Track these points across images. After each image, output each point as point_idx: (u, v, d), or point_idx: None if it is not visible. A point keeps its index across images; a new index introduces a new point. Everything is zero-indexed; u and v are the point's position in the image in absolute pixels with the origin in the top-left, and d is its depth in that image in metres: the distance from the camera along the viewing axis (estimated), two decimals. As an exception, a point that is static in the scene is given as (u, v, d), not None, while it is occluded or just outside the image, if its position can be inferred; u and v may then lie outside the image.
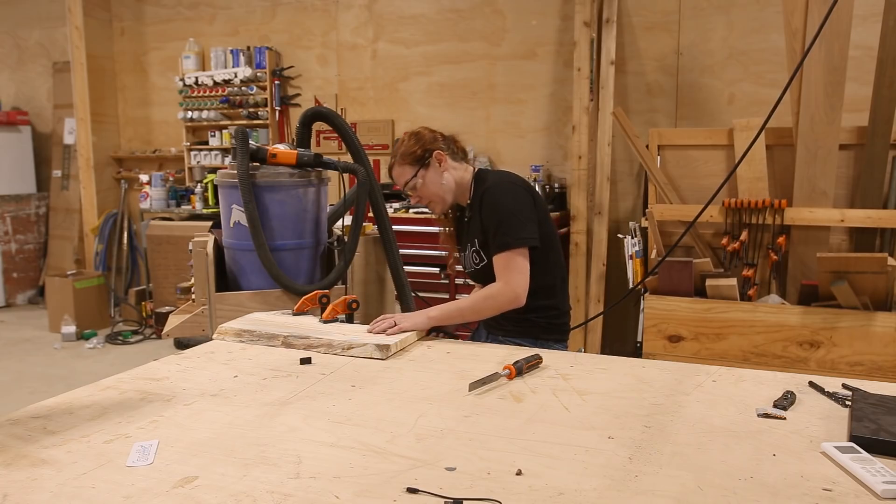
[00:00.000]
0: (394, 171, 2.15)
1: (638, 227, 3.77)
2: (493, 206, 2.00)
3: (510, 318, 2.07)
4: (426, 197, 2.12)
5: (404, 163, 2.10)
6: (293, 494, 0.97)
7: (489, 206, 2.01)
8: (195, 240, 2.18)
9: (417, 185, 2.10)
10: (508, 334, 2.12)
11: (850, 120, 3.26)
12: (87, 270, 5.89)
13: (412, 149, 2.10)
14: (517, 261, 1.95)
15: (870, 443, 1.07)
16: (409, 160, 2.09)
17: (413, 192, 2.12)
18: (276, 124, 5.51)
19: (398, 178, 2.14)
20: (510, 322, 2.10)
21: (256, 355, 1.67)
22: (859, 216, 3.20)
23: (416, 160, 2.09)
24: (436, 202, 2.14)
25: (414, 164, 2.09)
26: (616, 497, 0.96)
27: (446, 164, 2.11)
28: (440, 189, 2.11)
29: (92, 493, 0.98)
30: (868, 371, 2.90)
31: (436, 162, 2.10)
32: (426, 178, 2.09)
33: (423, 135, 2.13)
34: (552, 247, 2.11)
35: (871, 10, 3.57)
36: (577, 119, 4.21)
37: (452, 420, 1.24)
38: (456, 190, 2.13)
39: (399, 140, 2.16)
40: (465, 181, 2.14)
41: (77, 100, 5.81)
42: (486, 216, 2.02)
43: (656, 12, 4.28)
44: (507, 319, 2.08)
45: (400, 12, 5.05)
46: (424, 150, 2.09)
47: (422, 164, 2.09)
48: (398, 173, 2.13)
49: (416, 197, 2.13)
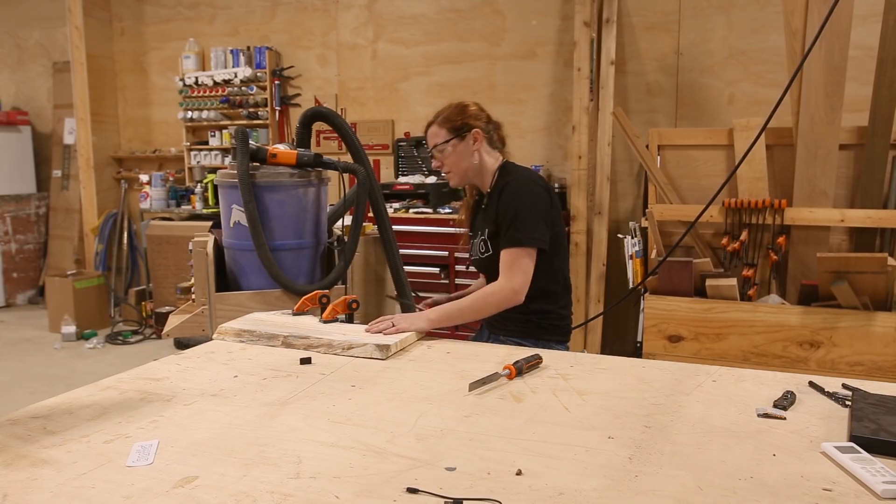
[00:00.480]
0: (429, 130, 2.18)
1: (638, 227, 3.77)
2: (510, 201, 2.02)
3: (512, 318, 2.08)
4: (448, 166, 2.15)
5: (442, 126, 2.14)
6: (293, 494, 0.97)
7: (507, 200, 2.03)
8: (195, 240, 2.18)
9: (445, 152, 2.13)
10: (510, 334, 2.12)
11: (850, 120, 3.26)
12: (87, 270, 5.89)
13: (454, 117, 2.14)
14: (523, 260, 1.96)
15: (870, 443, 1.07)
16: (447, 126, 2.13)
17: (438, 156, 2.15)
18: (276, 124, 5.51)
19: (431, 138, 2.17)
20: (512, 322, 2.10)
21: (256, 355, 1.67)
22: (859, 216, 3.20)
23: (454, 129, 2.12)
24: (455, 174, 2.16)
25: (450, 131, 2.12)
26: (616, 497, 0.96)
27: (479, 145, 2.13)
28: (464, 164, 2.13)
29: (92, 493, 0.98)
30: (868, 371, 2.90)
31: (471, 139, 2.12)
32: (456, 149, 2.12)
33: (468, 108, 2.17)
34: (558, 252, 2.12)
35: (871, 10, 3.57)
36: (577, 119, 4.21)
37: (452, 420, 1.24)
38: (480, 173, 2.16)
39: (449, 105, 2.20)
40: (490, 168, 2.16)
41: (77, 100, 5.81)
42: (502, 209, 2.04)
43: (656, 12, 4.28)
44: (509, 319, 2.09)
45: (400, 12, 5.05)
46: (465, 122, 2.13)
47: (457, 134, 2.12)
48: (433, 133, 2.16)
49: (439, 162, 2.16)
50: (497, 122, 2.23)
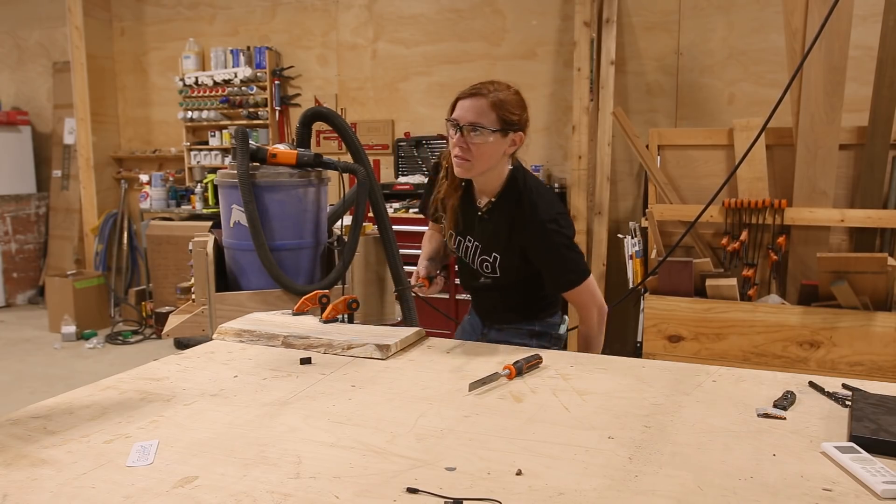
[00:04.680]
0: (475, 103, 1.76)
1: (638, 227, 3.77)
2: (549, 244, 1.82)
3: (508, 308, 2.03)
4: (474, 155, 1.78)
5: (493, 109, 1.76)
6: (293, 494, 0.97)
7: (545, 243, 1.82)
8: (195, 240, 2.18)
9: (481, 137, 1.76)
10: (510, 321, 2.04)
11: (850, 120, 3.27)
12: (87, 270, 5.89)
13: (512, 109, 1.78)
14: (591, 285, 1.89)
15: (870, 443, 1.07)
16: (500, 114, 1.76)
17: (467, 137, 1.77)
18: (276, 124, 5.51)
19: (473, 114, 1.76)
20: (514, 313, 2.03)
21: (256, 355, 1.67)
22: (859, 216, 3.20)
23: (505, 122, 1.77)
24: (475, 166, 1.81)
25: (499, 121, 1.76)
26: (616, 497, 0.96)
27: (511, 151, 1.85)
28: (491, 162, 1.81)
29: (92, 493, 0.98)
30: (868, 371, 2.90)
31: (512, 140, 1.81)
32: (494, 143, 1.77)
33: (526, 107, 1.85)
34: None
35: (871, 10, 3.57)
36: (577, 119, 4.21)
37: (452, 420, 1.24)
38: (493, 174, 1.87)
39: (497, 82, 1.82)
40: (502, 174, 1.89)
41: (77, 100, 5.81)
42: (537, 251, 1.85)
43: (656, 12, 4.28)
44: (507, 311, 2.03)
45: (400, 12, 5.05)
46: (520, 121, 1.81)
47: (504, 129, 1.78)
48: (477, 109, 1.76)
49: (463, 144, 1.78)
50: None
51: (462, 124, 1.77)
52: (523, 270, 1.92)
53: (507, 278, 1.94)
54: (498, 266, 1.92)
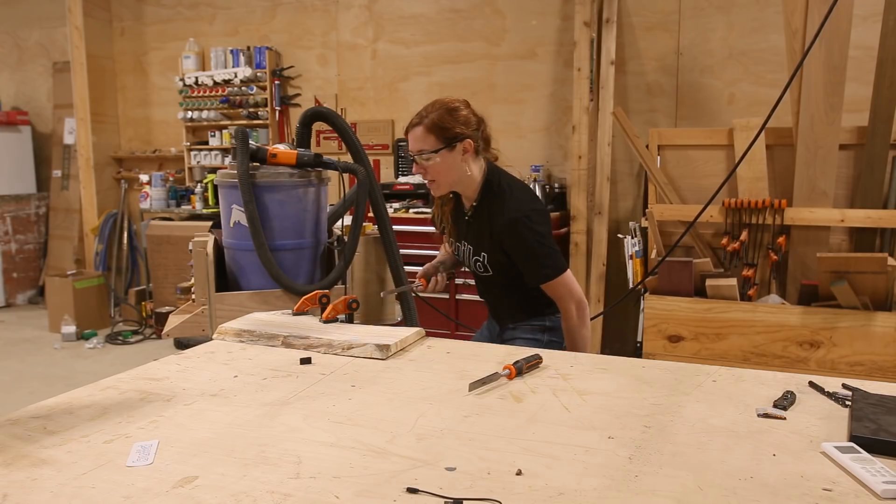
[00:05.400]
0: (413, 133, 1.95)
1: (638, 227, 3.77)
2: (518, 241, 1.94)
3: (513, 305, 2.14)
4: (434, 176, 1.97)
5: (430, 132, 1.92)
6: (293, 494, 0.97)
7: (517, 239, 1.94)
8: (195, 240, 2.18)
9: (432, 162, 1.94)
10: (517, 319, 2.15)
11: (850, 120, 3.26)
12: (87, 270, 5.89)
13: (447, 124, 1.91)
14: (567, 280, 1.96)
15: (870, 443, 1.07)
16: (437, 133, 1.92)
17: (422, 164, 1.96)
18: (276, 124, 5.51)
19: (415, 143, 1.95)
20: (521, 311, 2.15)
21: (256, 355, 1.67)
22: (859, 216, 3.20)
23: (444, 138, 1.92)
24: (440, 185, 2.00)
25: (440, 139, 1.92)
26: (616, 497, 0.96)
27: (469, 156, 1.97)
28: (452, 175, 1.97)
29: (92, 493, 0.98)
30: (868, 371, 2.90)
31: (461, 149, 1.94)
32: (444, 160, 1.93)
33: (461, 113, 1.95)
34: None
35: (871, 10, 3.57)
36: (577, 119, 4.21)
37: (452, 420, 1.24)
38: (465, 183, 2.03)
39: (434, 103, 1.96)
40: (476, 178, 2.02)
41: (77, 100, 5.81)
42: (512, 247, 1.96)
43: (656, 12, 4.28)
44: (513, 309, 2.15)
45: (400, 12, 5.05)
46: (456, 132, 1.93)
47: (448, 144, 1.92)
48: (418, 138, 1.94)
49: (422, 170, 1.97)
50: (481, 118, 2.04)
51: (413, 154, 1.98)
52: (511, 266, 2.02)
53: (500, 275, 2.05)
54: (488, 263, 2.05)
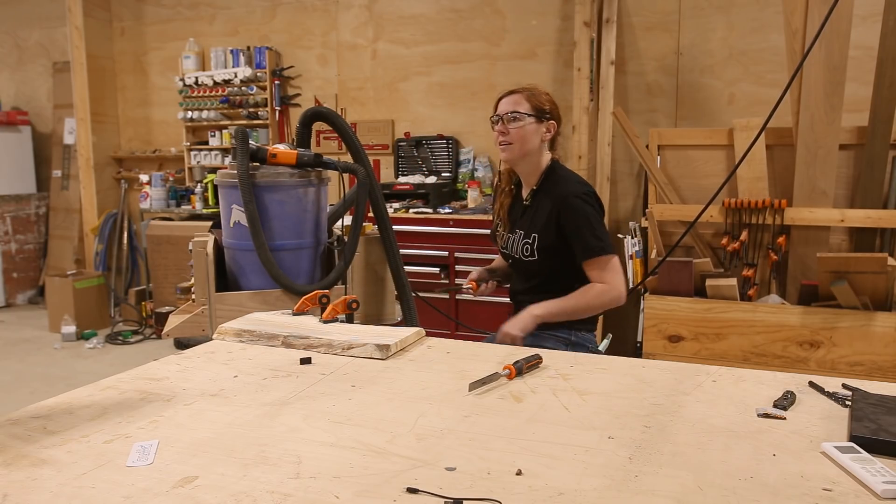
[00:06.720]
0: (511, 97, 2.16)
1: (638, 227, 3.77)
2: (574, 215, 2.07)
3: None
4: (514, 138, 2.15)
5: (527, 101, 2.14)
6: (293, 494, 0.97)
7: (573, 211, 2.07)
8: (195, 240, 2.18)
9: (519, 122, 2.13)
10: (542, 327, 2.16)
11: (850, 120, 3.27)
12: (87, 270, 5.89)
13: (544, 101, 2.16)
14: (613, 263, 2.05)
15: (870, 443, 1.07)
16: (533, 103, 2.14)
17: (507, 124, 2.14)
18: (276, 124, 5.51)
19: (509, 104, 2.16)
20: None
21: (256, 355, 1.67)
22: (859, 216, 3.20)
23: (538, 110, 2.15)
24: (515, 148, 2.16)
25: (533, 109, 2.14)
26: (616, 497, 0.96)
27: (547, 137, 2.19)
28: (528, 146, 2.15)
29: (92, 493, 0.98)
30: (868, 371, 2.90)
31: (546, 128, 2.17)
32: (529, 128, 2.14)
33: (555, 104, 2.22)
34: None
35: (871, 10, 3.57)
36: (577, 119, 4.21)
37: (452, 420, 1.24)
38: (533, 162, 2.20)
39: (535, 85, 2.21)
40: (542, 164, 2.21)
41: (77, 100, 5.81)
42: (567, 219, 2.08)
43: (656, 12, 4.28)
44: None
45: (400, 12, 5.05)
46: (551, 112, 2.17)
47: (538, 117, 2.15)
48: (514, 100, 2.15)
49: (505, 130, 2.15)
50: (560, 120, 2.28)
51: (502, 114, 2.15)
52: (556, 253, 2.12)
53: (544, 263, 2.14)
54: (536, 248, 2.14)
